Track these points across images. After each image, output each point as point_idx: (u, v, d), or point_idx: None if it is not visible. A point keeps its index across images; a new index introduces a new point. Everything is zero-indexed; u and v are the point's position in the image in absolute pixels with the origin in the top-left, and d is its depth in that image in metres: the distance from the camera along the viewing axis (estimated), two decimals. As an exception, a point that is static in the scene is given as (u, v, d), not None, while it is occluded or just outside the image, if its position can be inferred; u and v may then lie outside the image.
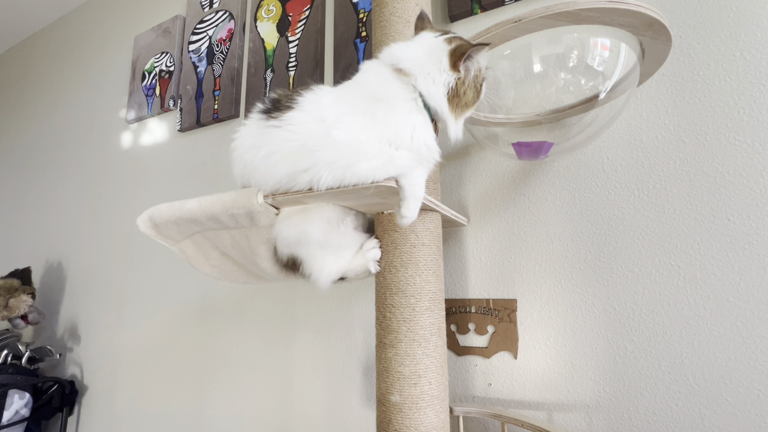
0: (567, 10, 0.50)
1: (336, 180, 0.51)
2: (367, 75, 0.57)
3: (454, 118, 0.56)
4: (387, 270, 0.65)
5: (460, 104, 0.56)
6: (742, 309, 0.66)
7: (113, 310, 1.53)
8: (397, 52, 0.57)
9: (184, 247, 0.76)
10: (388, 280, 0.64)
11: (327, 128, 0.52)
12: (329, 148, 0.51)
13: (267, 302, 1.16)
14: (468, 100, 0.56)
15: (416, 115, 0.54)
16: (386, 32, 0.75)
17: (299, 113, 0.54)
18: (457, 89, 0.55)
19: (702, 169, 0.71)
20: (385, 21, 0.75)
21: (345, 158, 0.51)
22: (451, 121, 0.56)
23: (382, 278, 0.65)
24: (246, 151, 0.57)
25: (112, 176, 1.67)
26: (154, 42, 1.62)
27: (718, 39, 0.73)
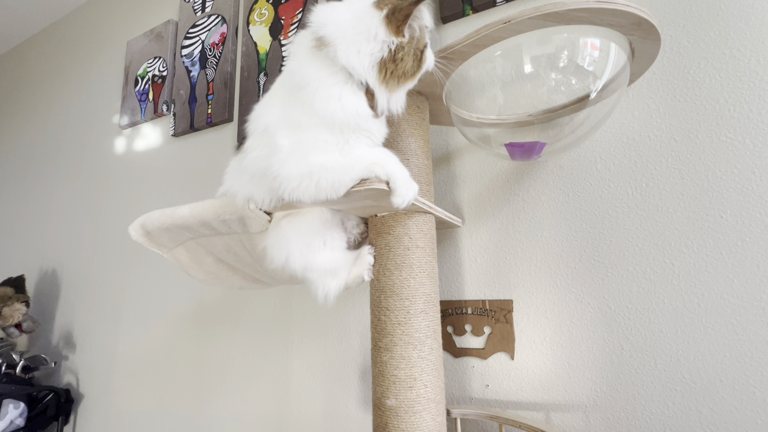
0: (556, 11, 0.51)
1: (307, 192, 0.50)
2: (290, 59, 0.54)
3: (388, 89, 0.50)
4: (381, 273, 0.64)
5: (396, 74, 0.50)
6: (736, 306, 0.66)
7: (108, 317, 1.52)
8: (321, 16, 0.52)
9: (177, 254, 0.75)
10: (383, 283, 0.64)
11: (271, 147, 0.52)
12: (281, 167, 0.50)
13: (263, 307, 1.15)
14: (406, 69, 0.50)
15: (341, 87, 0.49)
16: (377, 35, 0.74)
17: (250, 139, 0.56)
18: (393, 56, 0.49)
19: (694, 167, 0.71)
20: (376, 23, 0.75)
21: (299, 170, 0.50)
22: (381, 93, 0.50)
23: (377, 281, 0.65)
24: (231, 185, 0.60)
25: (106, 182, 1.66)
26: (147, 47, 1.61)
27: (707, 37, 0.73)
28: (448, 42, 0.96)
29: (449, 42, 0.71)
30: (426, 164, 0.72)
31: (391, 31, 0.48)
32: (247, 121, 0.58)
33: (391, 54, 0.49)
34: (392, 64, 0.49)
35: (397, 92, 0.52)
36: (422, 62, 0.53)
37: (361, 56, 0.49)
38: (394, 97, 0.52)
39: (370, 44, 0.49)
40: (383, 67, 0.49)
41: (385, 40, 0.49)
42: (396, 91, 0.52)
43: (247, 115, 0.58)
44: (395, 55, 0.49)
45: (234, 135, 1.31)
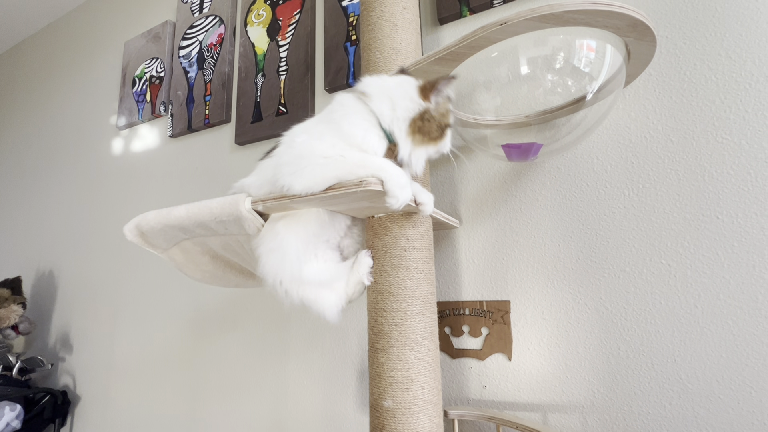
0: (551, 13, 0.51)
1: (299, 184, 0.54)
2: (333, 102, 0.62)
3: (413, 143, 0.58)
4: (378, 274, 0.64)
5: (422, 131, 0.58)
6: (732, 307, 0.66)
7: (106, 318, 1.52)
8: (366, 80, 0.62)
9: (172, 254, 0.75)
10: (380, 284, 0.64)
11: (287, 145, 0.59)
12: (287, 154, 0.57)
13: (260, 308, 1.15)
14: (432, 131, 0.58)
15: (369, 126, 0.57)
16: (374, 35, 0.75)
17: (280, 147, 0.62)
18: (422, 116, 0.57)
19: (690, 168, 0.71)
20: (372, 24, 0.75)
21: (300, 153, 0.56)
22: (405, 143, 0.57)
23: (374, 282, 0.65)
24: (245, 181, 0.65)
25: (103, 183, 1.66)
26: (144, 48, 1.61)
27: (703, 39, 0.73)
28: (445, 43, 0.96)
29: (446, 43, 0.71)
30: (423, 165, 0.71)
31: (422, 96, 0.58)
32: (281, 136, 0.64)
33: (420, 114, 0.58)
34: (420, 122, 0.58)
35: (419, 149, 0.59)
36: (444, 136, 0.60)
37: (394, 110, 0.57)
38: (415, 153, 0.58)
39: (404, 101, 0.58)
40: (413, 123, 0.57)
41: (416, 101, 0.58)
42: (419, 147, 0.58)
43: (245, 116, 0.60)
44: (424, 116, 0.58)
45: (231, 136, 1.30)
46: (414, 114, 0.57)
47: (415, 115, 0.57)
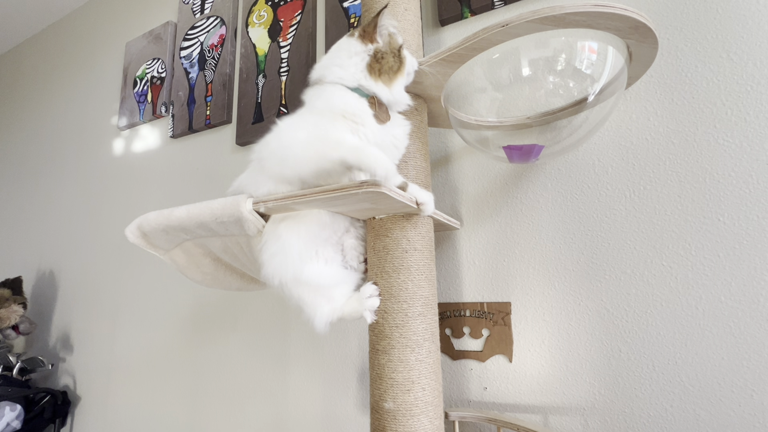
0: (553, 15, 0.51)
1: (288, 170, 0.57)
2: (302, 101, 0.66)
3: (385, 84, 0.61)
4: (379, 276, 0.64)
5: (383, 69, 0.61)
6: (733, 309, 0.66)
7: (106, 319, 1.52)
8: (313, 70, 0.66)
9: (174, 255, 0.75)
10: (380, 286, 0.64)
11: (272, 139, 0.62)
12: (275, 149, 0.61)
13: (261, 310, 1.15)
14: (391, 65, 0.61)
15: (341, 93, 0.61)
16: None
17: (260, 142, 0.64)
18: (375, 58, 0.61)
19: (692, 170, 0.71)
20: (374, 26, 0.75)
21: (283, 153, 0.59)
22: (380, 88, 0.61)
23: (375, 284, 0.65)
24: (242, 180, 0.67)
25: (104, 183, 1.66)
26: (146, 48, 1.61)
27: (704, 41, 0.73)
28: (446, 44, 0.96)
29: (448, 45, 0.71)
30: (424, 167, 0.72)
31: (365, 42, 0.61)
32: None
33: (373, 58, 0.61)
34: (376, 63, 0.61)
35: (394, 85, 0.62)
36: (402, 59, 0.63)
37: (345, 69, 0.61)
38: (393, 90, 0.62)
39: (352, 59, 0.62)
40: (370, 68, 0.61)
41: (363, 51, 0.61)
42: (392, 84, 0.62)
43: (246, 117, 0.61)
44: (376, 56, 0.61)
45: (232, 136, 1.31)
46: (367, 61, 0.61)
47: (369, 60, 0.61)
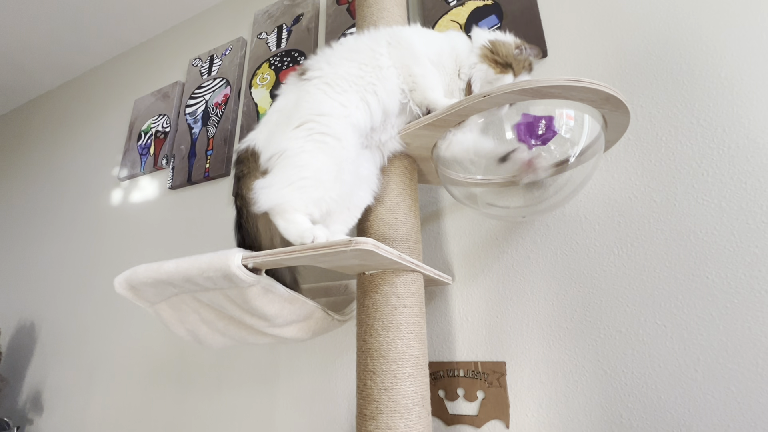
0: (530, 87, 0.55)
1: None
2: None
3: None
4: (368, 334, 0.63)
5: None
6: (733, 371, 0.64)
7: (83, 376, 1.43)
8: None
9: (160, 309, 0.73)
10: (369, 345, 0.62)
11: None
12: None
13: (248, 367, 1.10)
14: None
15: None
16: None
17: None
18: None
19: (676, 228, 0.73)
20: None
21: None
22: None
23: (363, 342, 0.63)
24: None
25: (99, 234, 1.66)
26: (153, 105, 1.70)
27: (675, 108, 0.79)
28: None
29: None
30: (414, 222, 0.73)
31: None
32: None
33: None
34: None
35: None
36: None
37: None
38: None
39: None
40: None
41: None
42: None
43: None
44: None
45: (230, 189, 1.33)
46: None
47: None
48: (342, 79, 0.67)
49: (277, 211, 0.59)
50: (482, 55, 0.71)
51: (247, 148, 0.70)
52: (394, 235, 0.68)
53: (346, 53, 0.71)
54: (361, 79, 0.67)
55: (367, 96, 0.66)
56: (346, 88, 0.66)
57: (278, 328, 0.70)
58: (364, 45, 0.71)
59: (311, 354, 1.00)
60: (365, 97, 0.66)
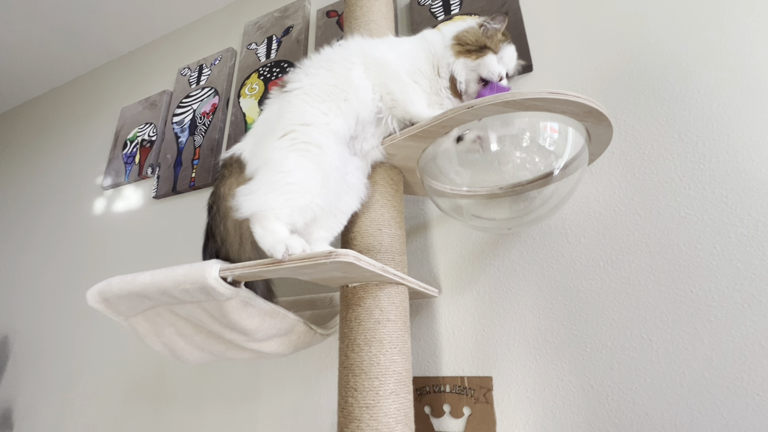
0: (514, 100, 0.55)
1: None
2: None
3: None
4: (350, 349, 0.61)
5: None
6: (718, 387, 0.63)
7: (57, 392, 1.37)
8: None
9: (135, 323, 0.71)
10: (351, 360, 0.60)
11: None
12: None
13: (229, 383, 1.06)
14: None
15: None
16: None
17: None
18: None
19: (659, 241, 0.73)
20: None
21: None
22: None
23: (345, 358, 0.61)
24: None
25: (79, 245, 1.61)
26: (140, 113, 1.68)
27: (656, 122, 0.80)
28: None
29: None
30: (399, 234, 0.72)
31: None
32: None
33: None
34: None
35: None
36: None
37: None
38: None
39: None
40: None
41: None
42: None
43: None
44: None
45: (215, 198, 1.31)
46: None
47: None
48: (319, 89, 0.67)
49: (258, 218, 0.58)
50: (456, 52, 0.71)
51: (232, 156, 0.70)
52: (378, 247, 0.67)
53: (323, 63, 0.72)
54: (335, 88, 0.68)
55: (341, 104, 0.66)
56: (325, 97, 0.66)
57: (258, 343, 0.68)
58: (339, 56, 0.73)
59: (294, 369, 0.97)
60: (340, 105, 0.66)
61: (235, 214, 0.59)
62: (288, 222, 0.59)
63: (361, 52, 0.72)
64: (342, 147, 0.66)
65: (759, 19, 0.78)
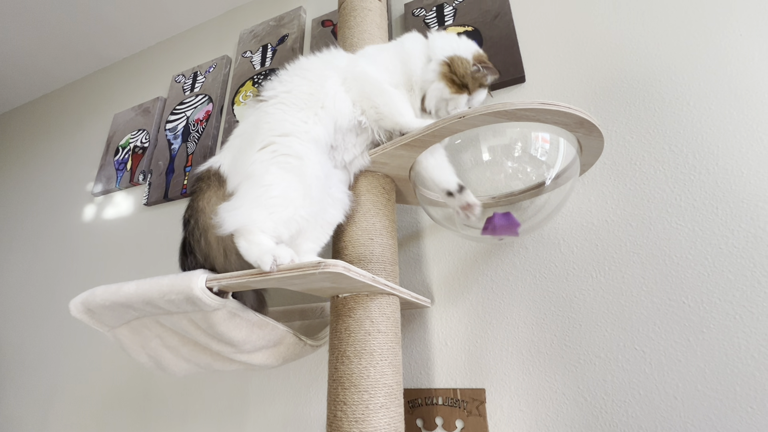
0: (505, 110, 0.55)
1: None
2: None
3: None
4: (339, 361, 0.60)
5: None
6: (711, 399, 0.63)
7: (39, 404, 1.33)
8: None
9: (119, 333, 0.69)
10: (341, 372, 0.59)
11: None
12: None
13: (216, 395, 1.04)
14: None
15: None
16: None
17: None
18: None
19: (651, 252, 0.73)
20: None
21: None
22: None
23: (334, 370, 0.60)
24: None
25: (67, 252, 1.58)
26: (133, 120, 1.67)
27: (647, 134, 0.80)
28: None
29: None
30: (391, 244, 0.71)
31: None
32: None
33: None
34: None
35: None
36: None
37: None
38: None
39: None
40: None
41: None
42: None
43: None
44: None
45: (207, 206, 1.30)
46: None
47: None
48: (296, 98, 0.67)
49: (242, 233, 0.56)
50: (441, 73, 0.69)
51: (210, 169, 0.68)
52: (369, 257, 0.66)
53: (298, 71, 0.71)
54: (312, 96, 0.67)
55: (318, 111, 0.65)
56: (302, 106, 0.66)
57: (246, 355, 0.66)
58: (315, 65, 0.72)
59: (283, 381, 0.96)
60: (318, 113, 0.65)
61: (218, 230, 0.58)
62: (273, 235, 0.58)
63: (338, 67, 0.71)
64: (323, 156, 0.65)
65: (746, 33, 0.80)
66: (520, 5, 1.04)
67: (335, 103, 0.66)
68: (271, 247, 0.54)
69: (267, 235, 0.56)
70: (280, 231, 0.57)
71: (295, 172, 0.60)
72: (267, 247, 0.53)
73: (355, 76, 0.70)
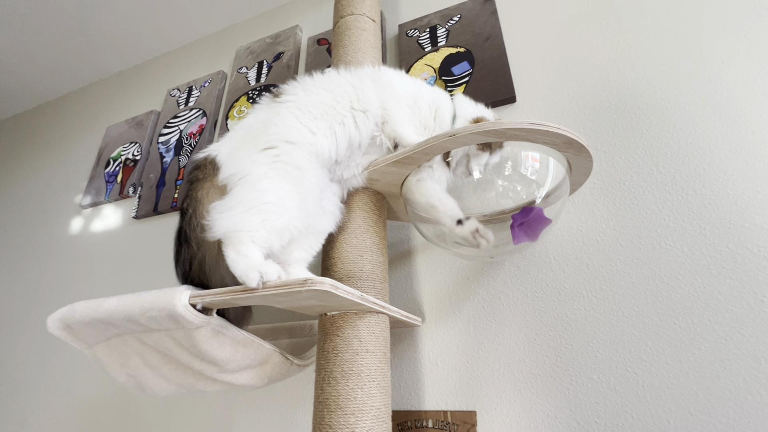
0: (495, 129, 0.56)
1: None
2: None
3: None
4: (326, 381, 0.58)
5: None
6: (705, 424, 0.62)
7: (15, 422, 1.27)
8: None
9: (98, 351, 0.66)
10: (327, 394, 0.57)
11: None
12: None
13: (199, 414, 1.00)
14: None
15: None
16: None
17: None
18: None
19: (641, 272, 0.73)
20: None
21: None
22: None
23: (320, 391, 0.58)
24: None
25: (52, 265, 1.54)
26: (126, 132, 1.66)
27: (635, 155, 0.82)
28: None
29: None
30: (381, 261, 0.70)
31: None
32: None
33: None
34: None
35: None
36: None
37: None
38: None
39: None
40: None
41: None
42: None
43: None
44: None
45: (197, 220, 1.28)
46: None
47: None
48: (314, 107, 0.66)
49: (231, 240, 0.55)
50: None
51: (207, 157, 0.66)
52: (359, 274, 0.65)
53: (325, 84, 0.71)
54: (333, 110, 0.67)
55: (335, 126, 0.65)
56: (318, 115, 0.65)
57: (230, 374, 0.64)
58: (345, 81, 0.72)
59: (269, 401, 0.92)
60: (333, 127, 0.65)
61: (208, 234, 0.56)
62: (264, 245, 0.56)
63: (372, 75, 0.73)
64: (323, 171, 0.65)
65: (729, 60, 0.82)
66: (511, 28, 1.07)
67: (357, 120, 0.67)
68: (258, 262, 0.52)
69: (257, 246, 0.55)
70: (272, 241, 0.56)
71: (293, 182, 0.59)
72: (254, 262, 0.52)
73: (381, 78, 0.73)
